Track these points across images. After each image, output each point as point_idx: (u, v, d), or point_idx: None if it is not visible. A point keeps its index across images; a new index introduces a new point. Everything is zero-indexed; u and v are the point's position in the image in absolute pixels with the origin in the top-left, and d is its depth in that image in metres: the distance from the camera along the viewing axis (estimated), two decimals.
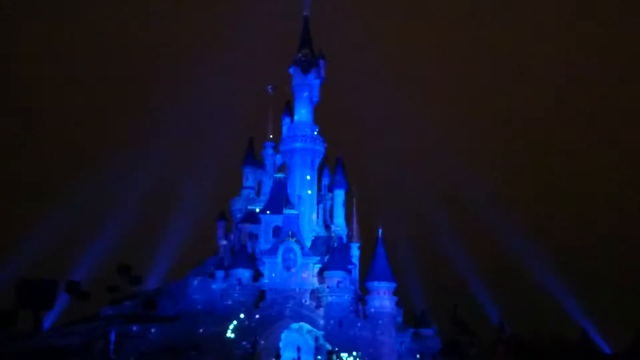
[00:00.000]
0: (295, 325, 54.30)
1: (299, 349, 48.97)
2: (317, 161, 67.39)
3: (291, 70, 68.75)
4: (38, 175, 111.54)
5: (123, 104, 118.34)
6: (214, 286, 59.71)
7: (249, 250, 61.45)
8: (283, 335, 53.71)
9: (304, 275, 58.76)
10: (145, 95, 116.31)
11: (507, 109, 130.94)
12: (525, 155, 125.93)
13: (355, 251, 66.58)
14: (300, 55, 68.42)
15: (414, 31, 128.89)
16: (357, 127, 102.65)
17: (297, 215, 61.42)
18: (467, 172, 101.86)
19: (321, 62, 68.66)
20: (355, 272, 65.05)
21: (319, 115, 69.16)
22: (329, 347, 52.01)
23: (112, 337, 48.48)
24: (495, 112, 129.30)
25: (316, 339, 53.14)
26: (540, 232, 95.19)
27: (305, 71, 67.72)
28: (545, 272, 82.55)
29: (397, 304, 62.39)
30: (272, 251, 59.51)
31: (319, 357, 51.06)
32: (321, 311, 55.90)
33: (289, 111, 69.96)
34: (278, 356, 46.25)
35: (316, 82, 68.25)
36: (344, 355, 52.32)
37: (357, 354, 51.31)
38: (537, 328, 69.84)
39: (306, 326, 54.49)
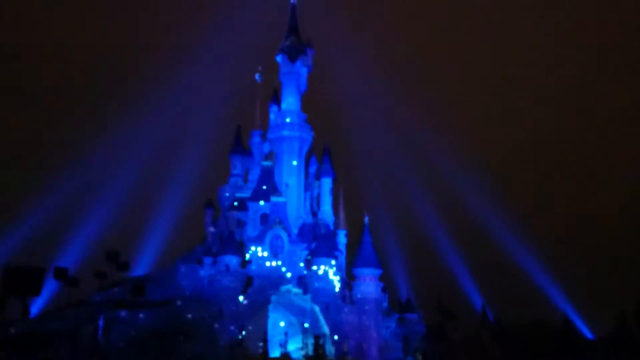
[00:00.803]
0: (282, 311, 54.95)
1: (286, 334, 49.60)
2: (305, 149, 67.80)
3: (278, 58, 68.87)
4: (24, 161, 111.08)
5: (110, 91, 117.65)
6: (202, 273, 60.21)
7: (237, 237, 61.92)
8: (270, 321, 54.33)
9: (291, 262, 59.29)
10: (132, 82, 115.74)
11: (492, 93, 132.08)
12: (509, 142, 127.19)
13: (342, 238, 67.33)
14: (287, 43, 68.57)
15: (401, 19, 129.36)
16: (344, 116, 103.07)
17: (285, 203, 61.91)
18: (452, 160, 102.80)
19: (309, 50, 68.90)
20: (342, 259, 65.84)
21: (307, 103, 69.66)
22: (316, 332, 52.70)
23: (101, 322, 48.81)
24: (483, 98, 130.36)
25: (303, 325, 53.84)
26: (523, 219, 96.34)
27: (293, 59, 67.92)
28: (528, 258, 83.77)
29: (383, 290, 63.36)
30: (260, 238, 60.00)
31: (306, 342, 51.74)
32: (308, 297, 56.59)
33: (277, 99, 70.23)
34: (265, 341, 46.83)
35: (304, 71, 68.50)
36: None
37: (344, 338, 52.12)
38: (520, 314, 71.04)
39: (293, 312, 55.16)
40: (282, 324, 54.09)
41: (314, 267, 58.99)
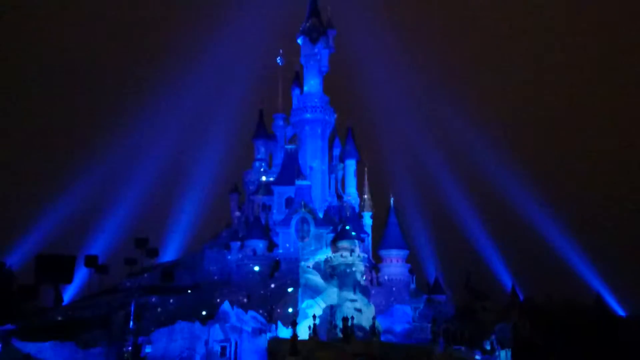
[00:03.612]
0: (310, 294, 55.04)
1: (314, 317, 49.69)
2: (328, 131, 67.50)
3: (299, 41, 68.43)
4: (55, 151, 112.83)
5: (138, 78, 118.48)
6: (229, 257, 60.60)
7: (263, 221, 62.10)
8: (298, 304, 54.47)
9: (318, 244, 59.30)
10: (158, 70, 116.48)
11: (520, 72, 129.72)
12: (544, 120, 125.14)
13: (367, 220, 67.12)
14: (307, 24, 68.01)
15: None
16: (367, 97, 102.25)
17: (309, 186, 61.82)
18: (479, 138, 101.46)
19: (330, 31, 68.22)
20: (368, 240, 65.69)
21: (329, 85, 69.18)
22: (343, 314, 52.71)
23: (132, 308, 49.49)
24: (510, 78, 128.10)
25: (331, 307, 53.86)
26: (553, 197, 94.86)
27: (314, 41, 67.38)
28: (559, 236, 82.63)
29: (410, 271, 63.05)
30: (286, 222, 60.08)
31: (335, 324, 51.79)
32: (335, 280, 56.58)
33: (299, 82, 69.90)
34: (294, 324, 46.99)
35: (325, 52, 67.91)
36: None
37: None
38: (551, 293, 70.15)
39: (321, 294, 55.20)
40: (309, 306, 54.16)
41: (340, 250, 58.85)
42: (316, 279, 56.17)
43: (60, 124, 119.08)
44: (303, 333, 48.35)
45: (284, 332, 50.22)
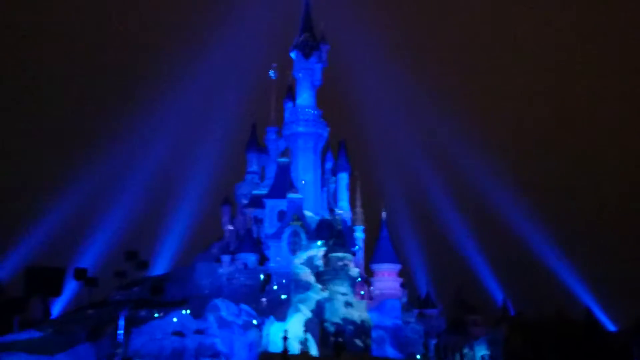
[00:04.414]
0: (301, 307, 54.82)
1: (305, 331, 49.47)
2: (320, 145, 67.59)
3: (292, 55, 68.72)
4: (44, 163, 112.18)
5: (127, 90, 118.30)
6: (220, 270, 60.25)
7: (254, 234, 61.96)
8: (290, 318, 54.21)
9: (309, 258, 59.13)
10: (148, 81, 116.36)
11: (515, 88, 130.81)
12: (532, 134, 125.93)
13: (359, 234, 67.08)
14: (301, 39, 68.36)
15: (416, 14, 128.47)
16: (360, 110, 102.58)
17: (302, 199, 61.75)
18: (471, 153, 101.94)
19: (323, 46, 68.64)
20: (360, 254, 65.60)
21: (322, 99, 69.42)
22: (335, 328, 52.54)
23: (121, 321, 49.11)
24: (503, 93, 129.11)
25: (322, 321, 53.68)
26: (544, 211, 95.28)
27: (307, 55, 67.69)
28: (550, 251, 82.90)
29: (402, 285, 63.03)
30: (277, 235, 59.93)
31: (326, 338, 51.60)
32: (327, 293, 56.41)
33: (292, 96, 70.08)
34: (285, 338, 46.78)
35: (318, 66, 68.25)
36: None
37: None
38: (542, 307, 70.26)
39: (312, 309, 54.99)
40: (301, 321, 53.95)
41: (332, 264, 58.71)
42: (308, 292, 55.94)
43: (49, 135, 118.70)
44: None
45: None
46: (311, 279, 56.61)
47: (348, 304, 54.68)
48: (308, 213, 62.29)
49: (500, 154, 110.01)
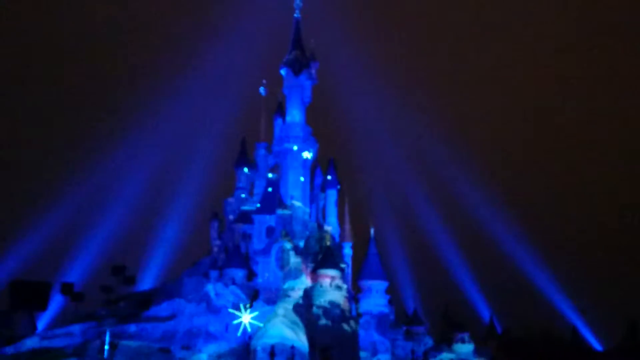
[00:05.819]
0: (289, 324, 54.71)
1: (292, 347, 49.39)
2: (309, 162, 67.90)
3: (282, 72, 69.26)
4: (30, 176, 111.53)
5: (114, 104, 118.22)
6: (207, 286, 59.98)
7: (243, 250, 61.91)
8: (277, 334, 54.06)
9: (297, 274, 59.14)
10: (136, 96, 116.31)
11: (503, 103, 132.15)
12: (519, 152, 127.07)
13: (347, 250, 67.22)
14: (291, 56, 68.96)
15: (406, 32, 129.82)
16: (349, 128, 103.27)
17: (290, 215, 61.91)
18: (459, 171, 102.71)
19: (312, 63, 69.24)
20: (348, 271, 65.67)
21: (312, 115, 69.86)
22: (322, 344, 52.46)
23: (107, 337, 48.82)
24: (490, 108, 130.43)
25: (310, 338, 53.60)
26: (532, 230, 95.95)
27: (297, 72, 68.23)
28: (537, 269, 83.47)
29: (390, 302, 63.15)
30: (266, 251, 59.97)
31: (313, 354, 51.51)
32: (314, 309, 56.35)
33: (281, 112, 70.45)
34: (273, 354, 46.67)
35: (308, 84, 68.79)
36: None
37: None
38: (529, 326, 70.63)
39: (300, 324, 54.91)
40: (288, 337, 53.80)
41: (320, 280, 58.74)
42: (295, 308, 55.87)
43: (35, 147, 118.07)
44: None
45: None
46: (300, 297, 56.57)
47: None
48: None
49: (489, 173, 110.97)
